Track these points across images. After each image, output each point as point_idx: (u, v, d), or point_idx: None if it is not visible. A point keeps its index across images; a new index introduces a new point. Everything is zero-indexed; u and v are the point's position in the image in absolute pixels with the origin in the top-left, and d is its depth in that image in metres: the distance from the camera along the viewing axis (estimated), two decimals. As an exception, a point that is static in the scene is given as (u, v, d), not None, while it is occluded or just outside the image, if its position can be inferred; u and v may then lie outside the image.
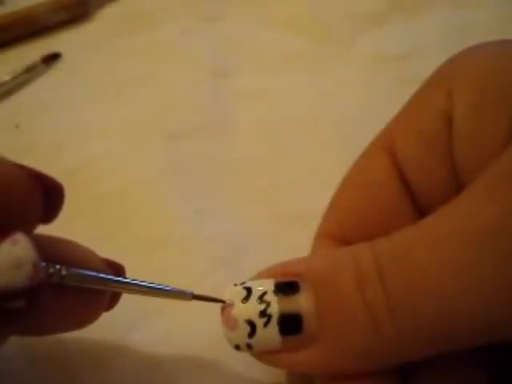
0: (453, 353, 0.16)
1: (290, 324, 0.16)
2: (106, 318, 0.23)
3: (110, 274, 0.18)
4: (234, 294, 0.17)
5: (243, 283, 0.17)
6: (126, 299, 0.23)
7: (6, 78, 0.31)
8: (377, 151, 0.20)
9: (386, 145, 0.19)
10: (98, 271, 0.18)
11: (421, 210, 0.19)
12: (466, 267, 0.14)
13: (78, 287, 0.17)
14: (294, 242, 0.21)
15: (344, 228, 0.19)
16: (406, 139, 0.19)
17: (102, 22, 0.35)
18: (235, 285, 0.18)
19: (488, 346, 0.16)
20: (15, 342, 0.23)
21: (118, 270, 0.19)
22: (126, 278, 0.18)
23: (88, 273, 0.17)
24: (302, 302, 0.16)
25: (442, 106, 0.18)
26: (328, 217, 0.20)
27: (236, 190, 0.27)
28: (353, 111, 0.29)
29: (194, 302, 0.23)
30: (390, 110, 0.20)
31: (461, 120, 0.17)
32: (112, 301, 0.19)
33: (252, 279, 0.18)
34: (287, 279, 0.17)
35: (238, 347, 0.17)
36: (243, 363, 0.22)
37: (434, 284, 0.15)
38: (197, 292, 0.18)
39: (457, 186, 0.18)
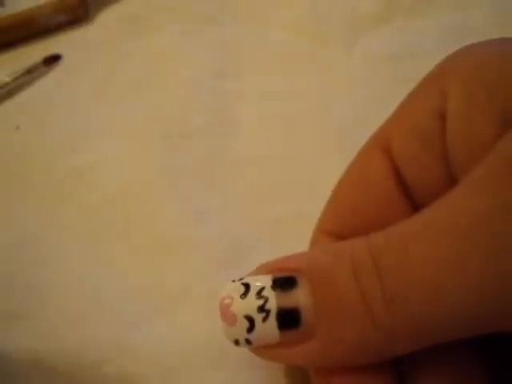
0: (450, 346, 0.16)
1: (288, 319, 0.16)
2: (106, 317, 0.23)
3: None
4: (232, 289, 0.17)
5: (241, 279, 0.18)
6: (127, 299, 0.24)
7: (7, 79, 0.32)
8: (373, 149, 0.20)
9: (382, 142, 0.20)
10: None
11: (417, 206, 0.19)
12: (455, 261, 0.15)
13: None
14: (294, 242, 0.21)
15: (341, 224, 0.19)
16: (401, 136, 0.19)
17: (102, 24, 0.35)
18: (233, 281, 0.18)
19: (486, 338, 0.16)
20: (14, 341, 0.23)
21: None
22: None
23: None
24: (299, 297, 0.16)
25: (436, 103, 0.18)
26: (325, 214, 0.21)
27: (236, 190, 0.27)
28: (353, 112, 0.29)
29: (195, 302, 0.23)
30: (390, 110, 0.21)
31: (453, 116, 0.18)
32: None
33: (250, 275, 0.18)
34: (284, 274, 0.17)
35: (237, 342, 0.17)
36: (243, 363, 0.22)
37: (427, 276, 0.15)
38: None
39: (451, 181, 0.18)
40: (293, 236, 0.20)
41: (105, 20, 0.35)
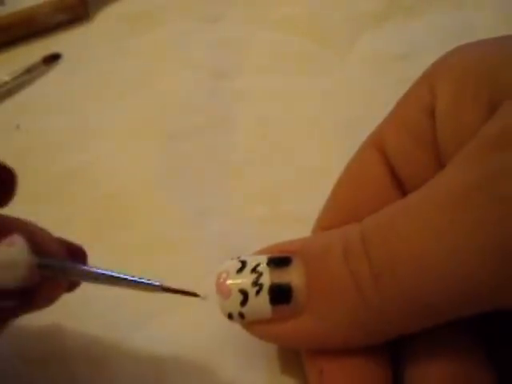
0: (448, 333, 0.16)
1: (280, 294, 0.17)
2: (106, 317, 0.23)
3: (81, 263, 0.19)
4: (229, 266, 0.18)
5: (239, 257, 0.19)
6: (127, 299, 0.24)
7: (7, 78, 0.31)
8: (369, 148, 0.20)
9: (376, 141, 0.20)
10: (77, 262, 0.18)
11: None
12: (441, 232, 0.15)
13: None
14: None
15: (339, 221, 0.20)
16: (394, 135, 0.20)
17: (102, 23, 0.35)
18: (231, 259, 0.19)
19: (485, 327, 0.16)
20: (14, 341, 0.23)
21: (77, 253, 0.19)
22: (97, 269, 0.18)
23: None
24: (292, 274, 0.17)
25: (427, 101, 0.19)
26: (325, 211, 0.21)
27: (236, 190, 0.27)
28: (352, 111, 0.29)
29: (196, 303, 0.23)
30: (389, 110, 0.21)
31: (442, 113, 0.18)
32: (73, 283, 0.19)
33: (247, 255, 0.19)
34: (280, 255, 0.18)
35: (230, 316, 0.18)
36: (244, 364, 0.22)
37: (413, 249, 0.15)
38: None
39: None
40: (292, 236, 0.20)
41: (105, 19, 0.35)
